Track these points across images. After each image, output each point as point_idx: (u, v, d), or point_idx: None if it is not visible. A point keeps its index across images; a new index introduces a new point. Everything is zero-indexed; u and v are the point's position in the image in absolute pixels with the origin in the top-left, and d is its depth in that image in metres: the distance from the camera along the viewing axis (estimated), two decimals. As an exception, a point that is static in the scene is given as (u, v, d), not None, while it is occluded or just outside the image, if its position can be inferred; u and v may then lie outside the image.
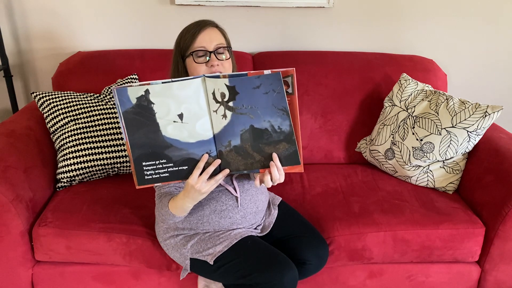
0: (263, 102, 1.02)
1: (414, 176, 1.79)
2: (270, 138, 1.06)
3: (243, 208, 1.39)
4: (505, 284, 1.64)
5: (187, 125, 1.05)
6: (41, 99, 1.80)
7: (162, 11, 2.11)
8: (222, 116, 1.04)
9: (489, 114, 1.66)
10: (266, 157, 1.09)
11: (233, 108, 1.03)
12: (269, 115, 1.04)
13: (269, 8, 2.13)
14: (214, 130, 1.07)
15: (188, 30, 1.29)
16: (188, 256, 1.38)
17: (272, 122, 1.04)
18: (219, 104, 1.03)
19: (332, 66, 2.04)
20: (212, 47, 1.27)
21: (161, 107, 1.03)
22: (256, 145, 1.08)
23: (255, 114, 1.04)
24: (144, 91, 1.01)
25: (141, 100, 1.02)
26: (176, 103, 1.03)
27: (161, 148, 1.07)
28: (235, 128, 1.06)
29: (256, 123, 1.05)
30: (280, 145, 1.08)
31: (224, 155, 1.10)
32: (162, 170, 1.09)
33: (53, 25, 2.12)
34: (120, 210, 1.59)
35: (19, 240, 1.49)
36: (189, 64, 1.28)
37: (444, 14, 2.15)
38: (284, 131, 1.05)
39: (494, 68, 2.26)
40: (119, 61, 2.01)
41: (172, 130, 1.05)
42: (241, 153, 1.09)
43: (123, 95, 1.01)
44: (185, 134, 1.06)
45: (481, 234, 1.57)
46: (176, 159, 1.08)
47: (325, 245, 1.46)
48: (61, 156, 1.73)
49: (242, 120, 1.05)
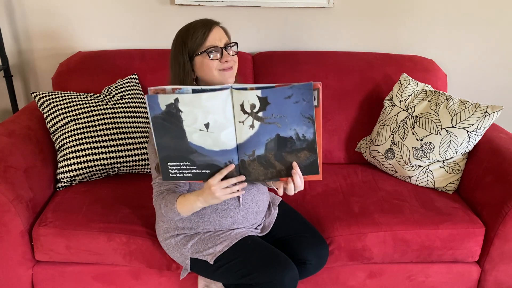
0: (292, 111, 1.05)
1: (414, 176, 1.79)
2: (293, 146, 1.10)
3: (245, 208, 1.39)
4: (505, 284, 1.64)
5: (212, 134, 1.08)
6: (41, 99, 1.80)
7: (162, 11, 2.11)
8: (249, 126, 1.08)
9: (489, 114, 1.66)
10: (287, 167, 1.13)
11: (262, 118, 1.07)
12: (296, 123, 1.07)
13: (269, 8, 2.13)
14: (237, 140, 1.10)
15: (195, 29, 1.28)
16: (188, 256, 1.38)
17: (297, 130, 1.08)
18: (247, 115, 1.06)
19: (332, 66, 2.04)
20: (222, 44, 1.29)
21: (188, 116, 1.06)
22: (279, 154, 1.11)
23: (282, 123, 1.07)
24: (174, 100, 1.05)
25: (170, 107, 1.06)
26: (203, 113, 1.06)
27: (186, 152, 1.11)
28: (261, 138, 1.09)
29: (282, 132, 1.08)
30: (301, 154, 1.11)
31: (246, 164, 1.13)
32: (185, 171, 1.14)
33: (53, 25, 2.13)
34: (120, 210, 1.59)
35: (19, 240, 1.49)
36: (200, 62, 1.28)
37: (444, 14, 2.15)
38: (308, 139, 1.08)
39: (494, 68, 2.26)
40: (119, 61, 2.01)
41: (198, 138, 1.09)
42: (263, 162, 1.13)
43: (153, 101, 1.05)
44: (210, 142, 1.09)
45: (481, 234, 1.57)
46: (200, 163, 1.12)
47: (325, 245, 1.46)
48: (61, 156, 1.73)
49: (269, 129, 1.08)
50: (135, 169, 1.80)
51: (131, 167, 1.79)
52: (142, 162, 1.79)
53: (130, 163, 1.77)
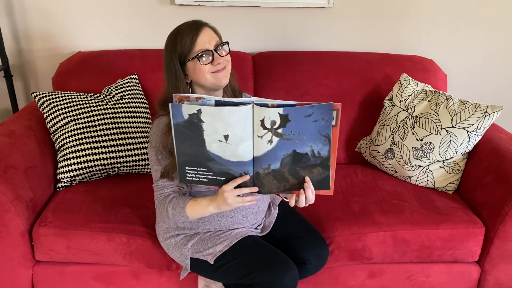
0: (310, 129, 1.08)
1: (414, 176, 1.79)
2: (308, 162, 1.13)
3: (245, 208, 1.39)
4: (505, 284, 1.64)
5: (230, 146, 1.11)
6: (41, 99, 1.80)
7: (162, 11, 2.11)
8: (268, 141, 1.10)
9: (489, 114, 1.66)
10: (300, 181, 1.16)
11: (281, 134, 1.09)
12: (313, 140, 1.10)
13: (269, 8, 2.13)
14: (254, 153, 1.13)
15: (183, 34, 1.26)
16: (189, 256, 1.38)
17: (313, 147, 1.11)
18: (267, 131, 1.09)
19: (332, 66, 2.04)
20: (212, 46, 1.28)
21: (209, 126, 1.10)
22: (293, 168, 1.14)
23: (300, 140, 1.10)
24: (197, 110, 1.08)
25: (193, 117, 1.09)
26: (223, 125, 1.09)
27: (204, 159, 1.15)
28: (278, 153, 1.12)
29: (299, 148, 1.11)
30: (315, 169, 1.14)
31: (260, 177, 1.16)
32: (202, 176, 1.18)
33: (53, 25, 2.12)
34: (120, 210, 1.59)
35: (19, 240, 1.49)
36: (192, 67, 1.27)
37: (444, 14, 2.15)
38: (322, 156, 1.12)
39: (494, 68, 2.26)
40: (119, 61, 2.01)
41: (216, 148, 1.13)
42: (277, 176, 1.16)
43: (177, 109, 1.09)
44: (227, 153, 1.13)
45: (481, 234, 1.57)
46: (216, 170, 1.16)
47: (325, 245, 1.46)
48: (61, 156, 1.73)
49: (286, 145, 1.11)
50: (135, 169, 1.80)
51: (131, 167, 1.79)
52: (142, 162, 1.79)
53: (130, 163, 1.77)
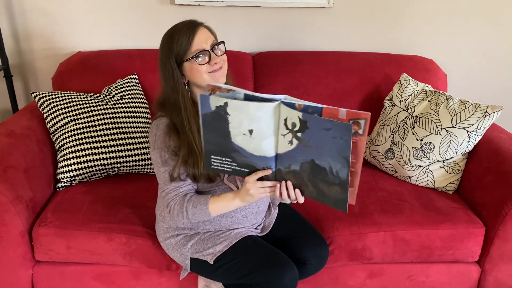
0: (329, 144, 1.04)
1: (414, 176, 1.79)
2: (326, 177, 1.09)
3: (245, 208, 1.39)
4: (505, 284, 1.64)
5: (254, 140, 1.12)
6: (41, 99, 1.80)
7: (162, 11, 2.11)
8: (288, 142, 1.09)
9: (489, 114, 1.66)
10: (318, 192, 1.14)
11: (300, 139, 1.07)
12: (331, 157, 1.05)
13: (269, 8, 2.13)
14: (278, 150, 1.13)
15: (179, 34, 1.25)
16: (188, 256, 1.38)
17: (331, 164, 1.06)
18: (288, 131, 1.08)
19: (332, 66, 2.04)
20: (209, 46, 1.27)
21: (235, 119, 1.10)
22: (313, 178, 1.12)
23: (319, 151, 1.07)
24: (224, 103, 1.09)
25: (220, 109, 1.10)
26: (248, 120, 1.09)
27: (229, 150, 1.16)
28: (298, 156, 1.10)
29: (318, 159, 1.08)
30: (333, 188, 1.10)
31: (282, 173, 1.17)
32: (226, 165, 1.20)
33: (53, 25, 2.13)
34: (120, 210, 1.59)
35: (19, 240, 1.49)
36: (189, 67, 1.27)
37: (444, 14, 2.15)
38: (341, 177, 1.07)
39: (494, 68, 2.26)
40: (119, 61, 2.01)
41: (241, 140, 1.13)
42: (298, 178, 1.15)
43: (205, 100, 1.10)
44: (251, 147, 1.13)
45: (481, 234, 1.57)
46: (240, 162, 1.18)
47: (325, 245, 1.46)
48: (61, 156, 1.73)
49: (305, 152, 1.08)
50: (135, 169, 1.80)
51: (131, 167, 1.79)
52: (142, 162, 1.79)
53: (130, 163, 1.77)
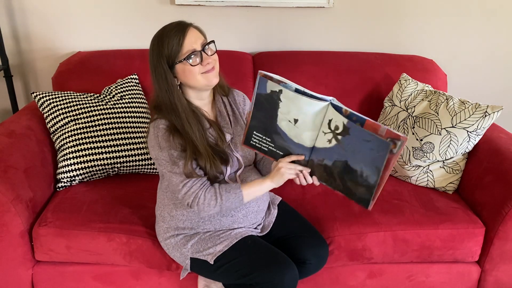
0: (365, 153, 1.12)
1: (414, 176, 1.79)
2: (355, 179, 1.17)
3: (245, 207, 1.39)
4: (505, 284, 1.64)
5: (297, 129, 1.20)
6: (41, 99, 1.80)
7: (162, 11, 2.11)
8: (328, 140, 1.17)
9: (489, 114, 1.66)
10: (345, 187, 1.21)
11: (340, 141, 1.15)
12: (364, 163, 1.14)
13: (269, 8, 2.13)
14: (316, 144, 1.20)
15: (169, 36, 1.25)
16: (189, 256, 1.38)
17: (363, 169, 1.15)
18: (330, 131, 1.16)
19: (332, 66, 2.04)
20: (199, 46, 1.27)
21: (284, 106, 1.18)
22: (342, 176, 1.20)
23: (353, 156, 1.15)
24: (279, 90, 1.16)
25: (274, 94, 1.18)
26: (297, 111, 1.17)
27: (271, 131, 1.24)
28: (333, 155, 1.18)
29: (351, 162, 1.16)
30: (360, 188, 1.17)
31: (314, 164, 1.24)
32: (264, 145, 1.27)
33: (53, 25, 2.13)
34: (120, 210, 1.59)
35: (19, 240, 1.49)
36: (181, 69, 1.27)
37: (444, 14, 2.15)
38: (369, 182, 1.15)
39: (494, 68, 2.26)
40: (119, 61, 2.01)
41: (285, 125, 1.21)
42: (327, 171, 1.22)
43: (263, 83, 1.18)
44: (293, 134, 1.21)
45: (481, 234, 1.57)
46: (278, 144, 1.25)
47: (325, 244, 1.46)
48: (61, 156, 1.73)
49: (341, 153, 1.16)
50: (135, 169, 1.80)
51: (131, 167, 1.79)
52: (142, 162, 1.79)
53: (130, 163, 1.77)
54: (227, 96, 1.45)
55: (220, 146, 1.34)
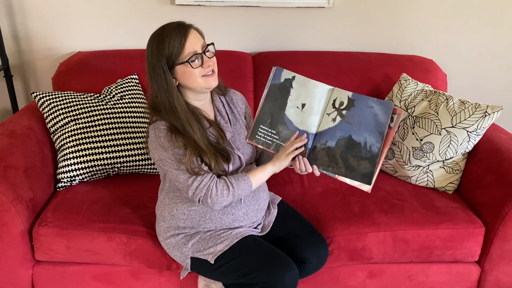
0: (369, 121, 1.25)
1: (414, 176, 1.79)
2: (359, 153, 1.27)
3: (246, 205, 1.39)
4: (505, 284, 1.64)
5: (303, 115, 1.32)
6: (41, 99, 1.80)
7: (162, 11, 2.11)
8: (332, 119, 1.29)
9: (489, 114, 1.66)
10: (347, 167, 1.28)
11: (344, 116, 1.28)
12: (368, 133, 1.25)
13: (269, 8, 2.13)
14: (318, 129, 1.32)
15: (170, 37, 1.24)
16: (189, 255, 1.38)
17: (367, 139, 1.25)
18: (334, 110, 1.29)
19: (332, 66, 2.04)
20: (200, 48, 1.27)
21: (295, 92, 1.33)
22: (345, 154, 1.28)
23: (358, 127, 1.26)
24: (292, 76, 1.33)
25: (287, 81, 1.33)
26: (305, 94, 1.32)
27: (278, 121, 1.34)
28: (337, 133, 1.29)
29: (355, 135, 1.27)
30: (362, 162, 1.26)
31: (316, 150, 1.32)
32: (268, 138, 1.35)
33: (53, 25, 2.13)
34: (120, 210, 1.59)
35: (19, 240, 1.49)
36: (182, 71, 1.26)
37: (444, 14, 2.15)
38: (372, 151, 1.25)
39: (494, 68, 2.26)
40: (119, 61, 2.01)
41: (292, 113, 1.33)
42: (330, 155, 1.30)
43: (279, 73, 1.34)
44: (299, 121, 1.33)
45: (481, 234, 1.57)
46: (282, 135, 1.34)
47: (325, 244, 1.46)
48: (61, 156, 1.73)
49: (345, 128, 1.28)
50: (135, 169, 1.80)
51: (131, 167, 1.79)
52: (142, 162, 1.79)
53: (130, 163, 1.77)
54: (224, 96, 1.46)
55: (221, 144, 1.35)
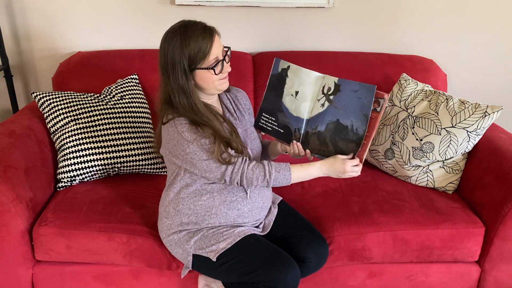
0: (354, 104, 1.30)
1: (414, 176, 1.79)
2: (346, 136, 1.33)
3: (251, 201, 1.40)
4: (505, 284, 1.64)
5: (297, 102, 1.39)
6: (41, 99, 1.80)
7: (162, 11, 2.11)
8: (321, 105, 1.35)
9: (489, 114, 1.66)
10: (336, 150, 1.36)
11: (331, 101, 1.34)
12: (354, 116, 1.31)
13: (269, 8, 2.13)
14: (310, 114, 1.38)
15: (196, 40, 1.23)
16: (191, 252, 1.38)
17: (353, 123, 1.31)
18: (323, 95, 1.35)
19: (332, 66, 2.04)
20: (221, 55, 1.29)
21: (290, 81, 1.40)
22: (334, 137, 1.35)
23: (344, 111, 1.32)
24: (287, 66, 1.40)
25: (283, 71, 1.41)
26: (298, 82, 1.38)
27: (276, 109, 1.42)
28: (326, 117, 1.35)
29: (342, 119, 1.33)
30: (350, 145, 1.34)
31: (308, 135, 1.39)
32: (270, 125, 1.45)
33: (53, 25, 2.13)
34: (120, 210, 1.59)
35: (20, 240, 1.49)
36: (201, 74, 1.28)
37: (444, 14, 2.15)
38: (358, 133, 1.31)
39: (494, 68, 2.26)
40: (119, 61, 2.01)
41: (288, 101, 1.40)
42: (320, 139, 1.37)
43: (277, 63, 1.42)
44: (293, 107, 1.40)
45: (481, 234, 1.57)
46: (280, 122, 1.43)
47: (325, 243, 1.46)
48: (61, 156, 1.73)
49: (333, 112, 1.34)
50: (135, 169, 1.80)
51: (131, 167, 1.79)
52: (142, 162, 1.79)
53: (130, 163, 1.77)
54: (229, 93, 1.50)
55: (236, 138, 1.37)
